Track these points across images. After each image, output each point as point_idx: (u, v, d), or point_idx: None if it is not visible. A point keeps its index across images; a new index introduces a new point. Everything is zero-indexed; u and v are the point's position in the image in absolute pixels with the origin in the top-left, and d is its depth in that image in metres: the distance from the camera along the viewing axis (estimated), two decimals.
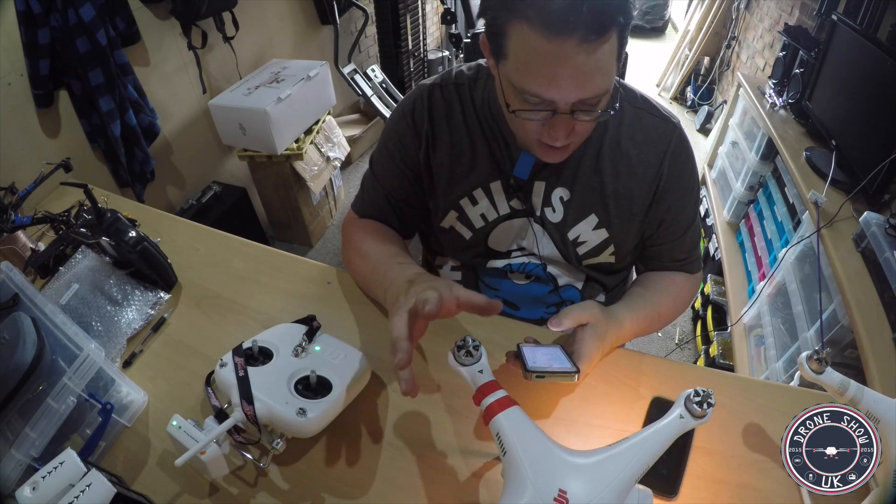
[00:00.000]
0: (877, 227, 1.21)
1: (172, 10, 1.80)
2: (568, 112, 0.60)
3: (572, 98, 0.58)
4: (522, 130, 0.67)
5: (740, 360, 1.71)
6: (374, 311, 0.81)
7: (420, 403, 0.68)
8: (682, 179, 0.77)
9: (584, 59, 0.54)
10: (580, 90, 0.58)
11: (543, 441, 0.49)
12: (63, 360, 0.64)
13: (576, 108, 0.60)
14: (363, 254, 0.80)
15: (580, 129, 0.64)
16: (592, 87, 0.58)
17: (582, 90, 0.58)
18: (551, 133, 0.63)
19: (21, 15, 1.34)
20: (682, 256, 0.83)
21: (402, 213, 0.86)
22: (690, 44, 3.79)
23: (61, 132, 1.57)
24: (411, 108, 0.80)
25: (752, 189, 2.11)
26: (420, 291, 0.57)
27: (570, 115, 0.60)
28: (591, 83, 0.57)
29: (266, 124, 1.94)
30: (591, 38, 0.53)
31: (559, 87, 0.57)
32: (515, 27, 0.56)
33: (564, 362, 0.61)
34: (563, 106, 0.59)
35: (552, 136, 0.63)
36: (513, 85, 0.60)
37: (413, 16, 3.06)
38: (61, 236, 0.92)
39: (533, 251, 0.84)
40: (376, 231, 0.84)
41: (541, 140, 0.66)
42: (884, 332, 1.06)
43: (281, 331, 0.70)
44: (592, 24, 0.52)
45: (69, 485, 0.49)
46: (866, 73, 1.48)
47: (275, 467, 0.62)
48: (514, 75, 0.59)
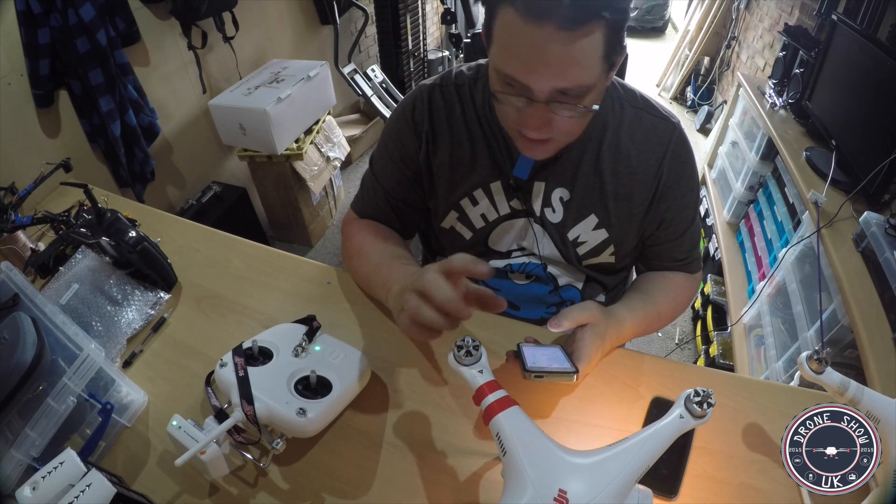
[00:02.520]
0: (877, 227, 1.21)
1: (172, 10, 1.80)
2: (543, 101, 0.60)
3: (547, 86, 0.58)
4: (504, 120, 0.68)
5: (740, 360, 1.71)
6: (374, 311, 0.81)
7: (420, 403, 0.68)
8: (682, 179, 0.77)
9: (560, 48, 0.55)
10: (555, 79, 0.58)
11: (543, 441, 0.48)
12: (63, 360, 0.64)
13: (552, 99, 0.60)
14: (364, 254, 0.80)
15: (560, 124, 0.64)
16: (568, 78, 0.58)
17: (557, 79, 0.58)
18: (526, 121, 0.63)
19: (21, 15, 1.34)
20: (681, 256, 0.83)
21: (401, 212, 0.86)
22: (690, 44, 3.79)
23: (61, 132, 1.56)
24: (411, 108, 0.80)
25: (752, 189, 2.11)
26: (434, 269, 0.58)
27: (545, 105, 0.60)
28: (568, 73, 0.57)
29: (266, 124, 1.94)
30: (570, 26, 0.53)
31: (535, 73, 0.58)
32: (502, 10, 0.57)
33: (564, 362, 0.61)
34: (539, 94, 0.59)
35: (526, 125, 0.63)
36: (496, 69, 0.61)
37: (413, 16, 3.06)
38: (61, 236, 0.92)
39: (533, 251, 0.84)
40: (376, 231, 0.84)
41: (520, 131, 0.66)
42: (884, 332, 1.06)
43: (281, 331, 0.70)
44: (571, 12, 0.53)
45: (69, 485, 0.49)
46: (866, 73, 1.48)
47: (275, 467, 0.62)
48: (497, 58, 0.60)
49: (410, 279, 0.61)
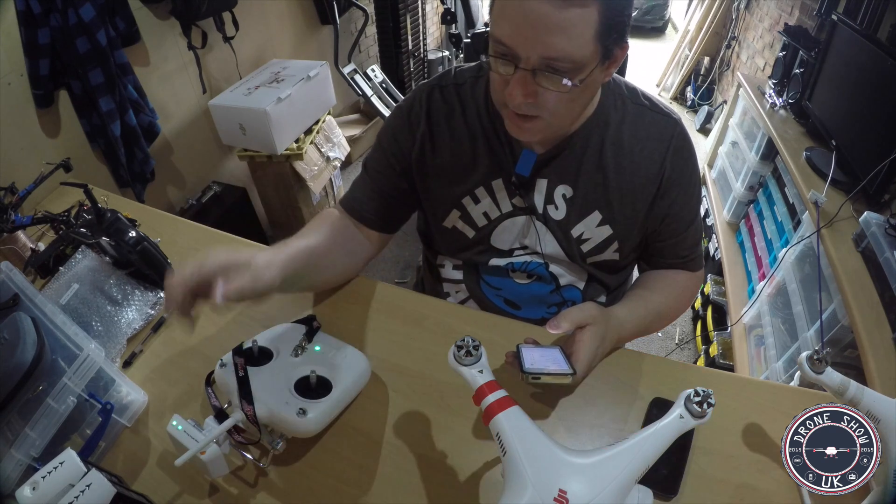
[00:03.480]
0: (877, 227, 1.21)
1: (172, 10, 1.80)
2: (530, 70, 0.60)
3: (534, 53, 0.58)
4: (494, 93, 0.69)
5: (740, 360, 1.71)
6: (374, 311, 0.81)
7: (420, 403, 0.68)
8: (685, 175, 0.77)
9: (549, 11, 0.55)
10: (542, 46, 0.58)
11: (543, 441, 0.49)
12: (63, 360, 0.64)
13: (538, 68, 0.60)
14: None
15: (546, 99, 0.63)
16: (555, 46, 0.57)
17: (543, 46, 0.58)
18: (512, 91, 0.62)
19: (21, 15, 1.34)
20: (684, 253, 0.83)
21: (386, 202, 0.85)
22: (690, 44, 3.79)
23: (61, 132, 1.56)
24: (409, 107, 0.81)
25: (752, 189, 2.11)
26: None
27: (531, 74, 0.60)
28: (555, 41, 0.57)
29: (266, 124, 1.94)
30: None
31: (521, 36, 0.58)
32: None
33: (562, 364, 0.61)
34: (525, 61, 0.59)
35: (511, 94, 0.62)
36: (491, 35, 0.62)
37: (413, 16, 3.06)
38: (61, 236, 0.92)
39: (536, 249, 0.84)
40: (317, 225, 0.81)
41: (507, 106, 0.65)
42: (884, 332, 1.06)
43: (281, 331, 0.70)
44: None
45: (69, 485, 0.49)
46: (866, 73, 1.47)
47: (275, 467, 0.62)
48: (492, 23, 0.61)
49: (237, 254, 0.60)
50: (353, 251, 0.83)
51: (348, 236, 0.82)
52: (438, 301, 0.87)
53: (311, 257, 0.71)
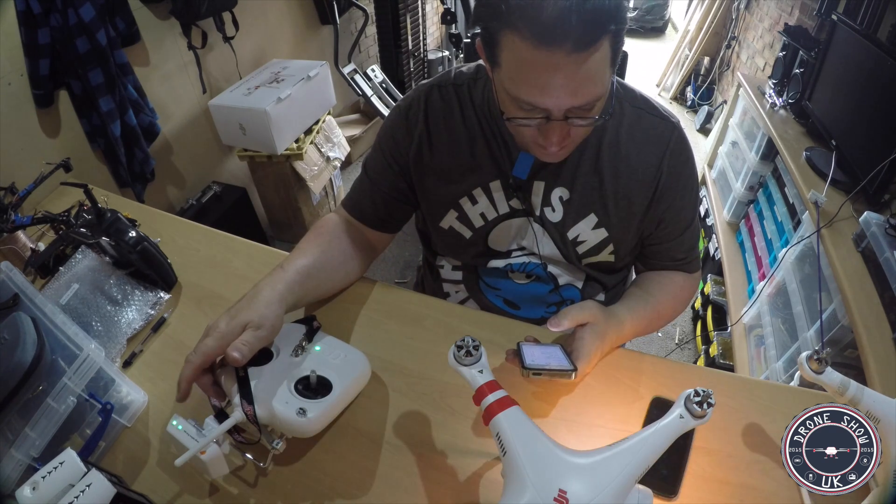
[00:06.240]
0: (877, 227, 1.21)
1: (172, 10, 1.80)
2: (562, 118, 0.60)
3: (565, 105, 0.59)
4: (519, 135, 0.69)
5: (740, 360, 1.71)
6: (374, 311, 0.81)
7: (420, 403, 0.68)
8: (682, 179, 0.77)
9: (575, 68, 0.55)
10: (573, 98, 0.58)
11: (543, 441, 0.49)
12: (63, 360, 0.64)
13: (570, 115, 0.60)
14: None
15: (576, 133, 0.65)
16: (585, 95, 0.58)
17: (574, 98, 0.58)
18: (547, 138, 0.64)
19: (21, 15, 1.34)
20: (680, 256, 0.83)
21: (386, 203, 0.85)
22: (690, 44, 3.79)
23: (61, 132, 1.56)
24: (407, 107, 0.80)
25: (752, 189, 2.11)
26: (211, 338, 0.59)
27: (564, 120, 0.61)
28: (584, 90, 0.58)
29: (266, 124, 1.94)
30: (581, 48, 0.53)
31: (552, 96, 0.58)
32: (506, 37, 0.56)
33: (563, 361, 0.61)
34: (557, 113, 0.60)
35: (548, 141, 0.64)
36: (507, 93, 0.61)
37: (413, 16, 3.06)
38: (61, 236, 0.92)
39: (533, 251, 0.84)
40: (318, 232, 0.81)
41: (537, 143, 0.66)
42: (884, 332, 1.06)
43: (281, 331, 0.70)
44: (583, 34, 0.52)
45: (69, 485, 0.49)
46: (866, 73, 1.47)
47: (275, 467, 0.62)
48: (508, 84, 0.60)
49: (235, 310, 0.61)
50: (356, 253, 0.83)
51: (350, 239, 0.82)
52: (438, 301, 0.87)
53: (309, 278, 0.72)
